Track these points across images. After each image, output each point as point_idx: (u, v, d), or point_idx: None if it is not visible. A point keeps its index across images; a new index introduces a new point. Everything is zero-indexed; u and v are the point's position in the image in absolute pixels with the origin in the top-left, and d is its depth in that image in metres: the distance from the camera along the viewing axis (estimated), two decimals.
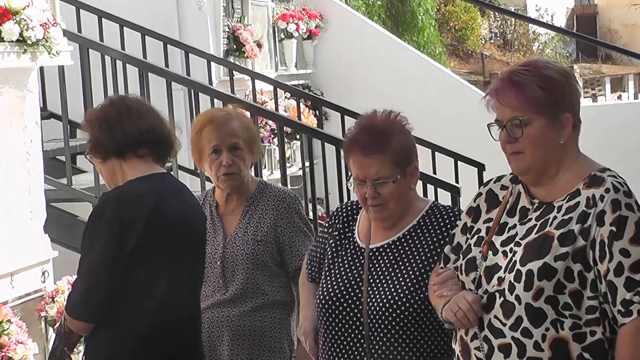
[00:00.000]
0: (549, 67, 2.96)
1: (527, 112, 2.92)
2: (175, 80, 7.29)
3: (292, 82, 10.58)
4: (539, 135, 2.93)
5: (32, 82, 6.05)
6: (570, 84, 2.96)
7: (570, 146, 2.98)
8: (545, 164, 2.95)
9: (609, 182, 2.90)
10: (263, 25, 10.76)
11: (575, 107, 2.97)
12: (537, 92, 2.91)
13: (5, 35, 5.60)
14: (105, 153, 3.67)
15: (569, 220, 2.89)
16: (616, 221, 2.84)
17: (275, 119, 7.84)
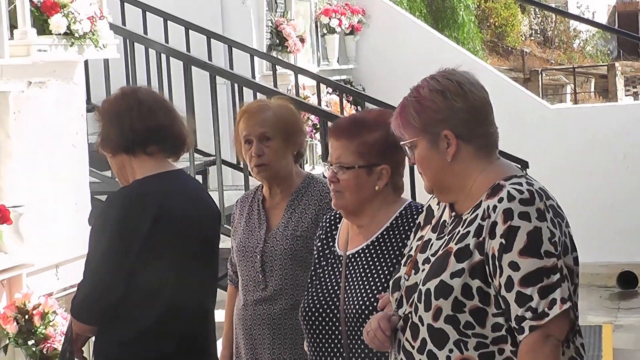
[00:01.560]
0: (426, 84, 2.80)
1: (410, 136, 2.80)
2: (219, 74, 7.30)
3: (333, 77, 10.57)
4: (424, 157, 2.80)
5: (79, 75, 6.09)
6: (447, 100, 2.77)
7: (469, 159, 2.78)
8: (442, 182, 2.81)
9: (505, 190, 2.69)
10: (306, 20, 10.77)
11: (456, 120, 2.76)
12: (412, 114, 2.77)
13: (52, 28, 5.63)
14: (114, 148, 3.62)
15: (466, 235, 2.72)
16: (506, 232, 2.64)
17: (317, 113, 7.83)
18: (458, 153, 2.77)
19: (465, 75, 2.84)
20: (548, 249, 2.63)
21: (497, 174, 2.77)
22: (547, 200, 2.69)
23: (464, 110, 2.76)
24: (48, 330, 5.01)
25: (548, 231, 2.64)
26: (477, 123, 2.78)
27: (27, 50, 5.46)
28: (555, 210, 2.70)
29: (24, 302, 5.01)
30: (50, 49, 5.63)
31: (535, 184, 2.74)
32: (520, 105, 11.40)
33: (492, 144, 2.82)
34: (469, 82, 2.82)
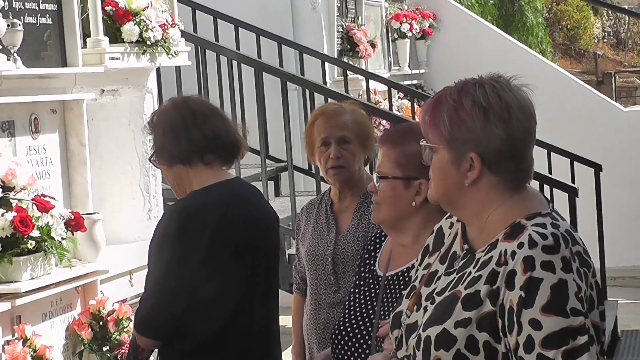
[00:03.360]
0: (471, 92, 2.38)
1: (433, 140, 2.42)
2: (290, 80, 7.30)
3: (405, 82, 10.53)
4: (440, 169, 2.42)
5: (151, 83, 6.13)
6: (488, 121, 2.35)
7: (489, 189, 2.38)
8: (451, 200, 2.44)
9: (526, 233, 2.30)
10: (376, 25, 10.75)
11: (489, 147, 2.35)
12: (444, 120, 2.39)
13: (125, 36, 5.67)
14: (171, 160, 3.56)
15: (478, 279, 2.33)
16: (526, 284, 2.24)
17: (389, 118, 7.80)
18: (479, 180, 2.37)
19: (518, 95, 2.41)
20: (575, 306, 2.24)
21: (519, 210, 2.37)
22: (574, 247, 2.31)
23: (501, 139, 2.35)
24: (122, 336, 5.03)
25: (575, 285, 2.25)
26: (511, 156, 2.37)
27: (100, 58, 5.50)
28: (582, 257, 2.31)
29: (99, 308, 5.05)
30: (122, 57, 5.68)
31: (562, 225, 2.34)
32: (593, 108, 11.26)
33: (522, 179, 2.41)
34: (518, 107, 2.38)
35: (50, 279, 4.71)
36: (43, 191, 4.89)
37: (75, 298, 5.08)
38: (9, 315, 4.59)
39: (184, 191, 3.60)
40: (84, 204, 5.28)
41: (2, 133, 4.81)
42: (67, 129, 5.31)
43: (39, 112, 5.09)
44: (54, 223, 4.67)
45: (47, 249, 4.65)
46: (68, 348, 5.02)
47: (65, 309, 5.02)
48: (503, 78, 2.44)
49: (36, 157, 5.08)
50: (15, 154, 4.88)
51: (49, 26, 5.27)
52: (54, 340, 4.90)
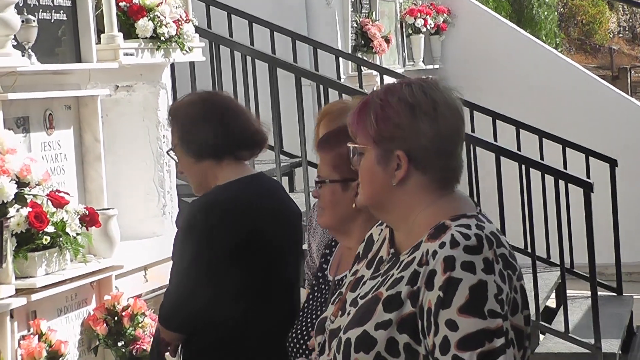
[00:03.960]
0: (398, 90, 2.36)
1: (360, 141, 2.39)
2: (304, 75, 7.30)
3: None
4: (368, 169, 2.39)
5: (165, 78, 6.13)
6: (414, 117, 2.32)
7: (417, 189, 2.34)
8: (380, 202, 2.40)
9: (449, 233, 2.26)
10: (391, 21, 10.73)
11: (415, 144, 2.32)
12: (371, 119, 2.36)
13: (139, 31, 5.68)
14: (201, 153, 3.57)
15: (400, 280, 2.29)
16: (445, 285, 2.20)
17: None
18: (406, 179, 2.34)
19: (446, 94, 2.37)
20: (493, 308, 2.19)
21: (445, 211, 2.33)
22: (499, 249, 2.25)
23: (428, 136, 2.31)
24: (137, 332, 5.04)
25: (495, 286, 2.20)
26: (439, 154, 2.33)
27: (115, 54, 5.51)
28: (507, 260, 2.26)
29: (114, 303, 5.06)
30: (137, 52, 5.68)
31: (488, 227, 2.30)
32: (609, 103, 11.22)
33: (450, 178, 2.38)
34: (445, 104, 2.34)
35: (65, 275, 4.73)
36: (58, 187, 4.90)
37: (90, 293, 5.10)
38: (25, 310, 4.60)
39: (208, 187, 3.61)
40: (98, 199, 5.29)
41: (17, 129, 4.82)
42: (81, 125, 5.32)
43: (53, 108, 5.10)
44: (69, 219, 4.68)
45: (62, 244, 4.66)
46: (83, 343, 5.04)
47: (80, 305, 5.03)
48: (431, 78, 2.43)
49: (51, 153, 5.09)
50: (30, 150, 4.90)
51: (64, 22, 5.28)
52: (69, 335, 4.92)
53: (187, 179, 3.75)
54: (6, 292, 4.45)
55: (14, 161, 4.39)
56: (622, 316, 7.63)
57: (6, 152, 4.40)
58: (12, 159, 4.39)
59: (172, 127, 3.68)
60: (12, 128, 4.74)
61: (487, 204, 7.92)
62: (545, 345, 6.80)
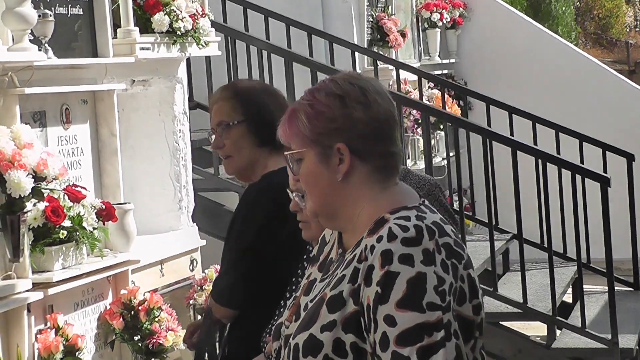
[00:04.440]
0: (323, 87, 2.35)
1: (297, 146, 2.35)
2: (320, 70, 7.29)
3: (435, 72, 10.49)
4: (311, 172, 2.33)
5: (181, 73, 6.13)
6: (346, 107, 2.29)
7: (362, 181, 2.31)
8: (329, 204, 2.34)
9: (387, 226, 2.21)
10: (407, 15, 10.71)
11: (353, 133, 2.29)
12: (303, 120, 2.32)
13: (155, 26, 5.68)
14: (266, 139, 3.60)
15: (342, 279, 2.24)
16: (383, 279, 2.14)
17: (420, 108, 7.77)
18: (351, 172, 2.30)
19: (371, 82, 2.36)
20: (432, 300, 2.13)
21: (387, 204, 2.29)
22: (441, 238, 2.21)
23: (364, 122, 2.29)
24: (154, 326, 5.05)
25: (435, 277, 2.14)
26: (377, 139, 2.30)
27: (131, 48, 5.51)
28: (451, 249, 2.21)
29: (130, 298, 5.06)
30: (153, 47, 5.68)
31: (429, 217, 2.25)
32: (625, 97, 11.18)
33: (392, 166, 2.33)
34: (374, 90, 2.33)
35: (82, 269, 4.74)
36: (74, 181, 4.91)
37: (106, 288, 5.10)
38: (42, 304, 4.61)
39: (252, 173, 3.67)
40: (114, 194, 5.29)
41: (33, 123, 4.83)
42: (98, 120, 5.32)
43: (70, 102, 5.11)
44: (86, 213, 4.69)
45: (79, 238, 4.67)
46: (99, 337, 5.05)
47: (97, 299, 5.04)
48: (355, 72, 2.42)
49: (67, 148, 5.10)
50: (47, 144, 4.90)
51: (80, 16, 5.28)
52: (86, 329, 4.93)
53: (231, 159, 3.73)
54: (23, 286, 4.46)
55: (31, 155, 4.40)
56: (639, 311, 7.60)
57: (23, 146, 4.41)
58: (29, 154, 4.39)
59: (233, 104, 3.68)
60: (29, 122, 4.75)
61: (503, 199, 7.93)
62: (562, 341, 6.78)
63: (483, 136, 6.99)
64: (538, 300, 6.90)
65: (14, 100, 4.59)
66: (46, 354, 4.53)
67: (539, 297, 7.00)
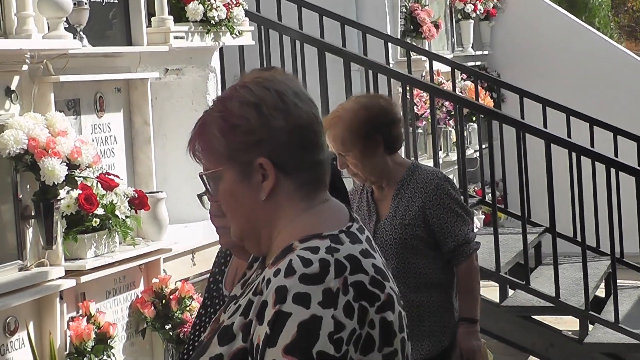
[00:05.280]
0: (235, 95, 2.05)
1: (212, 164, 2.06)
2: (354, 60, 7.26)
3: (468, 63, 10.44)
4: (231, 193, 2.05)
5: (215, 62, 6.13)
6: (264, 116, 2.01)
7: (286, 199, 2.03)
8: (253, 227, 2.06)
9: (289, 258, 1.93)
10: (440, 6, 10.65)
11: (275, 144, 2.01)
12: (216, 136, 2.03)
13: (189, 15, 5.67)
14: None
15: (238, 309, 1.99)
16: (274, 319, 1.88)
17: (453, 99, 7.73)
18: (276, 188, 2.01)
19: (287, 83, 2.08)
20: (324, 350, 1.85)
21: (303, 228, 2.00)
22: (353, 275, 1.91)
23: (285, 131, 2.01)
24: (185, 315, 5.05)
25: (332, 323, 1.87)
26: (303, 148, 2.02)
27: (165, 37, 5.52)
28: (363, 289, 1.92)
29: (161, 286, 5.07)
30: (187, 36, 5.69)
31: (345, 249, 1.95)
32: None
33: (318, 179, 2.05)
34: (293, 93, 2.06)
35: (114, 257, 4.75)
36: (107, 169, 4.92)
37: (138, 276, 5.11)
38: (74, 292, 4.63)
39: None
40: (147, 182, 5.30)
41: (67, 111, 4.84)
42: (131, 108, 5.33)
43: (103, 90, 5.11)
44: (118, 201, 4.70)
45: (112, 227, 4.68)
46: (131, 326, 5.06)
47: (129, 287, 5.05)
48: (265, 73, 2.10)
49: (101, 136, 5.11)
50: (81, 132, 4.91)
51: (115, 5, 5.28)
52: (117, 317, 4.94)
53: None
54: (56, 273, 4.48)
55: (65, 143, 4.41)
56: None
57: (57, 134, 4.42)
58: (63, 141, 4.40)
59: None
60: (63, 110, 4.76)
61: (536, 191, 7.88)
62: (594, 336, 6.74)
63: (517, 128, 6.93)
64: (571, 295, 6.85)
65: (49, 88, 4.60)
66: (78, 341, 4.54)
67: (571, 291, 6.95)
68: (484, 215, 10.14)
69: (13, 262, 4.45)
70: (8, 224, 4.46)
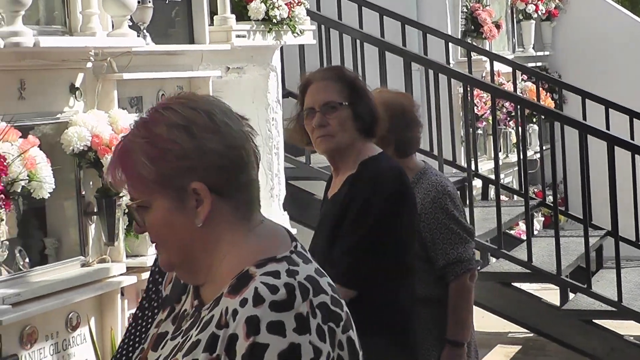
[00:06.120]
0: (159, 118, 1.93)
1: (141, 194, 1.93)
2: (414, 59, 7.23)
3: (529, 64, 10.35)
4: (163, 222, 1.93)
5: (275, 61, 6.13)
6: (195, 138, 1.90)
7: (224, 223, 1.92)
8: (189, 255, 1.94)
9: (253, 286, 1.83)
10: (501, 6, 10.58)
11: (209, 167, 1.90)
12: (143, 163, 1.91)
13: (251, 14, 5.69)
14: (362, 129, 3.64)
15: (197, 344, 1.87)
16: (249, 353, 1.78)
17: (515, 100, 7.67)
18: (212, 213, 1.91)
19: (213, 102, 1.97)
20: None
21: (252, 252, 1.90)
22: (316, 297, 1.85)
23: (218, 153, 1.90)
24: None
25: (311, 349, 1.80)
26: (237, 169, 1.92)
27: (227, 36, 5.53)
28: (327, 310, 1.86)
29: None
30: (248, 35, 5.70)
31: (302, 270, 1.88)
32: None
33: (252, 199, 1.96)
34: (221, 112, 1.94)
35: None
36: None
37: None
38: (135, 288, 4.65)
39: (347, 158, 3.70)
40: None
41: (130, 108, 4.87)
42: None
43: (166, 88, 5.14)
44: None
45: None
46: None
47: None
48: (185, 92, 2.02)
49: None
50: None
51: (178, 3, 5.31)
52: None
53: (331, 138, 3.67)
54: (117, 270, 4.50)
55: None
56: None
57: (120, 131, 4.45)
58: None
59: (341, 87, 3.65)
60: (126, 107, 4.79)
61: (597, 194, 7.79)
62: None
63: (579, 130, 6.86)
64: (633, 299, 6.76)
65: (112, 86, 4.63)
66: None
67: (634, 295, 6.86)
68: (544, 217, 10.06)
69: (75, 258, 4.49)
70: (71, 221, 4.50)
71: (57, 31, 4.55)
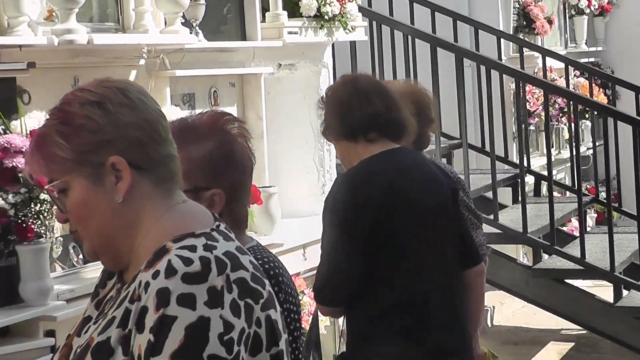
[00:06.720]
0: (73, 98, 1.90)
1: (59, 174, 1.89)
2: (466, 56, 7.20)
3: (581, 60, 10.27)
4: (82, 202, 1.88)
5: (327, 58, 6.14)
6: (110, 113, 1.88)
7: (146, 199, 1.89)
8: (111, 236, 1.90)
9: (166, 258, 1.79)
10: (553, 2, 10.51)
11: (126, 141, 1.87)
12: (58, 142, 1.87)
13: (303, 10, 5.69)
14: (336, 135, 3.60)
15: (112, 322, 1.83)
16: (157, 325, 1.74)
17: (568, 96, 7.61)
18: (133, 189, 1.87)
19: (127, 82, 1.96)
20: (216, 352, 1.74)
21: (172, 228, 1.87)
22: (234, 272, 1.80)
23: (136, 126, 1.87)
24: None
25: (221, 323, 1.76)
26: (155, 143, 1.89)
27: (279, 32, 5.54)
28: (246, 286, 1.81)
29: None
30: (300, 31, 5.70)
31: (222, 246, 1.83)
32: None
33: (173, 176, 1.92)
34: (135, 90, 1.93)
35: None
36: None
37: None
38: None
39: (352, 164, 3.60)
40: (260, 177, 5.32)
41: (183, 105, 4.89)
42: (245, 102, 5.37)
43: (218, 85, 5.16)
44: None
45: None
46: None
47: None
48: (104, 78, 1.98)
49: None
50: None
51: (229, 0, 5.32)
52: None
53: None
54: None
55: None
56: None
57: None
58: None
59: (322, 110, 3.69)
60: (179, 104, 4.82)
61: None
62: None
63: (633, 126, 6.80)
64: None
65: (165, 82, 4.66)
66: None
67: None
68: (596, 214, 9.98)
69: None
70: None
71: (110, 28, 4.59)
